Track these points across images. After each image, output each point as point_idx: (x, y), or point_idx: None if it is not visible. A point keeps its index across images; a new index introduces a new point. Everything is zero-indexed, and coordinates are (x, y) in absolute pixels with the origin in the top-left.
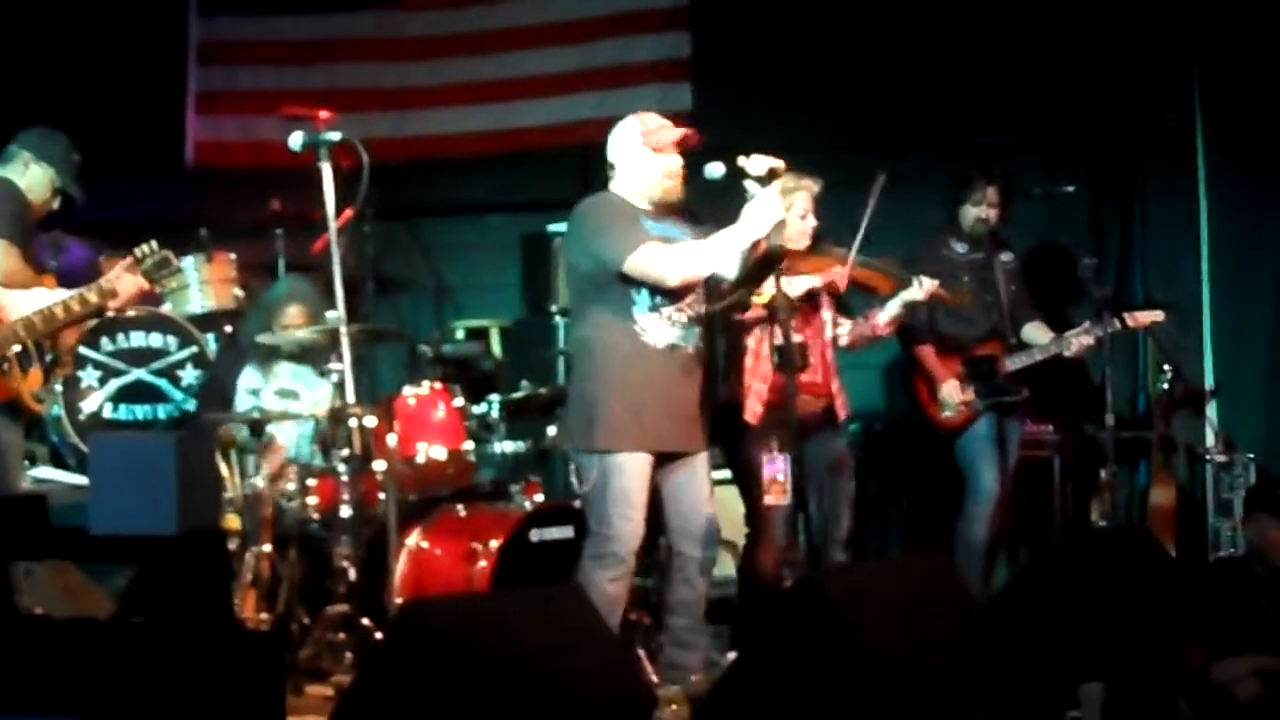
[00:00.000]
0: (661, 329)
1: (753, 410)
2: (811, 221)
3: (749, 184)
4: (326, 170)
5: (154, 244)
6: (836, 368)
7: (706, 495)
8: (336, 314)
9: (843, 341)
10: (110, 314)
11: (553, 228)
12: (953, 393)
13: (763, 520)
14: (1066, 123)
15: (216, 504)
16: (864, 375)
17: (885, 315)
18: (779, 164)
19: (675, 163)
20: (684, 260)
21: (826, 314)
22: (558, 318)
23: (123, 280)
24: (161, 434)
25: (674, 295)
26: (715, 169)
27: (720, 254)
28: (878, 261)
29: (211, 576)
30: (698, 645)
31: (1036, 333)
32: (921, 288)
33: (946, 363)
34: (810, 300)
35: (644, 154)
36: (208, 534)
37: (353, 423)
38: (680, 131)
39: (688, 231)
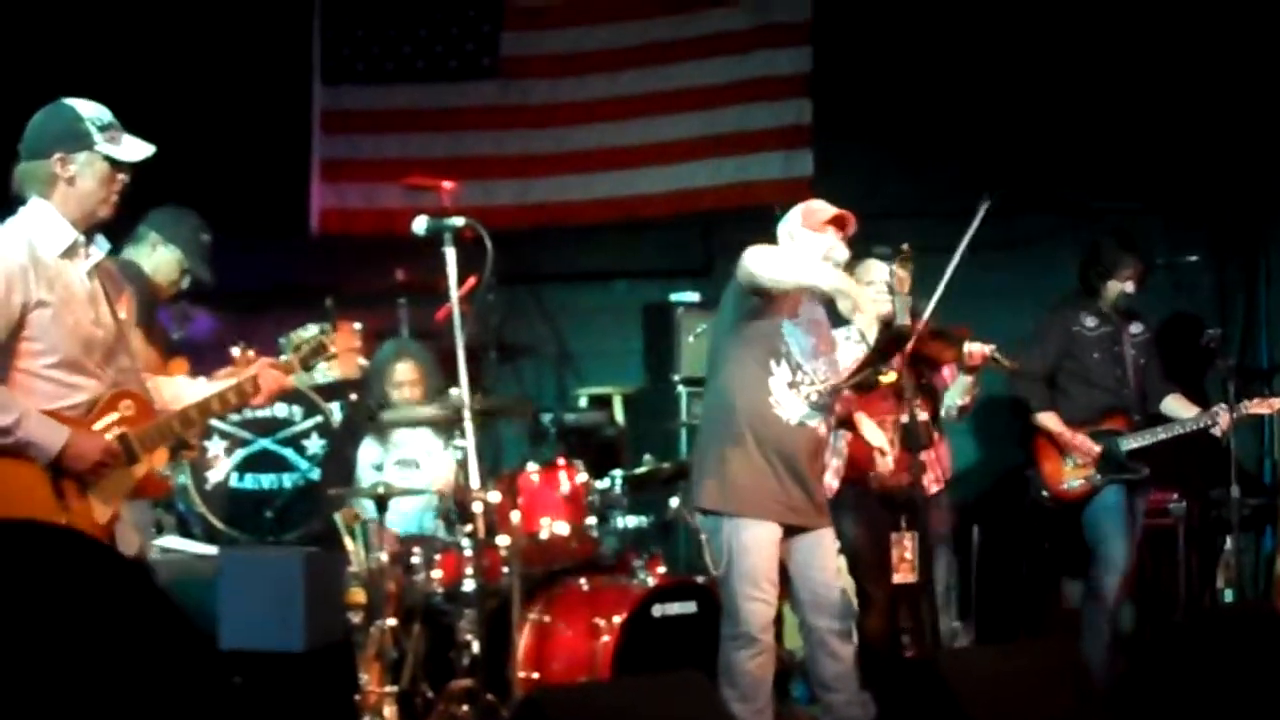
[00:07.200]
0: (795, 404)
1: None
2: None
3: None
4: (450, 254)
5: (311, 329)
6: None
7: (835, 569)
8: (459, 391)
9: (952, 415)
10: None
11: (675, 297)
12: (1084, 447)
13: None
14: (1190, 188)
15: (342, 620)
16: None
17: (958, 390)
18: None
19: (831, 243)
20: (777, 261)
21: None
22: (680, 388)
23: (267, 376)
24: (290, 551)
25: (811, 373)
26: (840, 252)
27: (807, 273)
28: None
29: (337, 692)
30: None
31: (1178, 405)
32: (970, 357)
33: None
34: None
35: (802, 235)
36: (334, 649)
37: (477, 506)
38: (835, 210)
39: (819, 327)
